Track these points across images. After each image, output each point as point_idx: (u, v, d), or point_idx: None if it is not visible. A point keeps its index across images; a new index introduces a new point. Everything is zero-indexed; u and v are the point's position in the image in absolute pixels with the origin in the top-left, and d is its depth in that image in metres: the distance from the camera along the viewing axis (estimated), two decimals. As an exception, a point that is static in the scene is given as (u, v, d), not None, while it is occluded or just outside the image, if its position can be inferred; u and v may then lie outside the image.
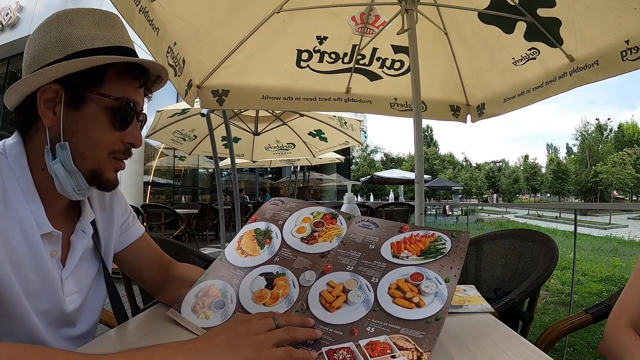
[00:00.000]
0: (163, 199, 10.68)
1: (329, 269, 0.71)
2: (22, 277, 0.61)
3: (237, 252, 0.81)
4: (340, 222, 0.81)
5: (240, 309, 0.69)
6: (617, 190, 40.23)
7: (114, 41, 0.67)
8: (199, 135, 4.85)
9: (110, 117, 0.65)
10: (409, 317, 0.59)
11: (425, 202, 2.41)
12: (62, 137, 0.63)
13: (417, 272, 0.65)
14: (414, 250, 0.70)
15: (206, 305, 0.71)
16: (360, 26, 2.35)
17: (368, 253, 0.72)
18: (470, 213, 11.44)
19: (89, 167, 0.65)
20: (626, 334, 0.75)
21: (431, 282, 0.63)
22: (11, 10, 8.49)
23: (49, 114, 0.63)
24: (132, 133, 0.69)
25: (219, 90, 2.47)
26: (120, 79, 0.66)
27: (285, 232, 0.82)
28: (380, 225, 0.78)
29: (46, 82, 0.62)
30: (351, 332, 0.59)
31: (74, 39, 0.64)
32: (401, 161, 57.16)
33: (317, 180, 18.62)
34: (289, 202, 0.91)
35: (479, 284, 1.49)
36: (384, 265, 0.69)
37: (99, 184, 0.68)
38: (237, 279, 0.74)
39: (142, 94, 0.71)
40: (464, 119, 2.89)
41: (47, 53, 0.63)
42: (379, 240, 0.74)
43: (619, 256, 6.36)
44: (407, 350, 0.53)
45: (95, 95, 0.64)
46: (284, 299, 0.68)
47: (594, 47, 1.91)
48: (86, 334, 0.75)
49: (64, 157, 0.63)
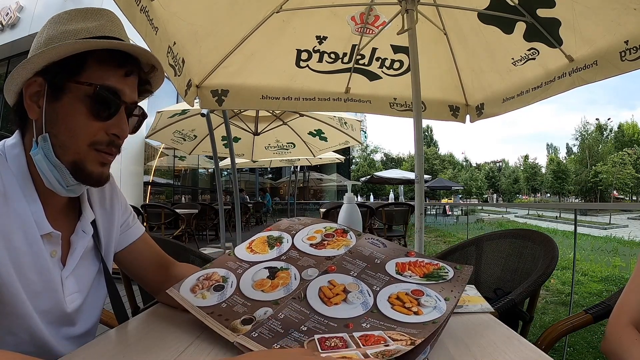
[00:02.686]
0: (163, 199, 10.68)
1: (332, 269, 0.73)
2: (23, 277, 0.62)
3: (246, 250, 0.83)
4: (350, 237, 0.84)
5: (238, 293, 0.70)
6: (617, 190, 40.24)
7: (97, 32, 0.66)
8: (199, 135, 4.85)
9: (89, 106, 0.64)
10: (405, 320, 0.60)
11: (425, 202, 2.41)
12: (44, 129, 0.63)
13: (418, 289, 0.67)
14: (418, 272, 0.72)
15: (205, 287, 0.73)
16: (359, 26, 2.35)
17: (373, 265, 0.74)
18: (470, 213, 11.43)
19: (70, 158, 0.64)
20: (627, 334, 0.75)
21: (431, 298, 0.64)
22: (11, 10, 8.48)
23: (33, 107, 0.64)
24: (117, 124, 0.66)
25: (218, 90, 2.47)
26: (101, 67, 0.64)
27: (296, 239, 0.85)
28: (388, 246, 0.81)
29: (29, 76, 0.63)
30: (346, 325, 0.59)
31: (59, 34, 0.65)
32: (401, 161, 57.11)
33: (317, 180, 18.63)
34: (305, 219, 0.94)
35: (479, 284, 1.49)
36: (387, 279, 0.70)
37: (83, 177, 0.66)
38: (241, 270, 0.76)
39: (130, 84, 0.69)
40: (463, 119, 2.89)
41: (35, 51, 0.64)
42: (385, 257, 0.77)
43: (619, 256, 6.35)
44: (401, 341, 0.53)
45: (72, 84, 0.63)
46: (282, 288, 0.70)
47: (593, 47, 1.91)
48: (86, 334, 0.75)
49: (46, 149, 0.63)
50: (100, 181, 0.68)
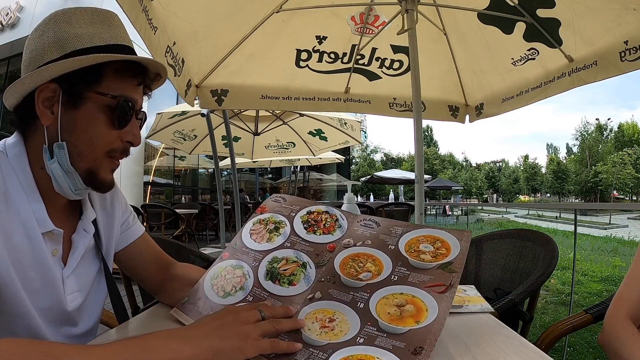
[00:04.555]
0: (163, 199, 10.68)
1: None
2: (24, 276, 0.61)
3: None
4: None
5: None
6: (617, 190, 40.26)
7: (111, 39, 0.67)
8: (199, 135, 4.85)
9: (108, 115, 0.65)
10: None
11: (425, 202, 2.41)
12: (60, 137, 0.63)
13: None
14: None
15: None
16: (359, 26, 2.35)
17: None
18: (470, 213, 11.45)
19: (86, 166, 0.65)
20: (625, 328, 0.75)
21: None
22: (11, 10, 8.48)
23: (47, 113, 0.63)
24: (130, 132, 0.68)
25: (218, 90, 2.47)
26: (118, 77, 0.65)
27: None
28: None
29: (43, 82, 0.62)
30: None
31: (71, 38, 0.64)
32: (401, 161, 57.12)
33: (317, 180, 18.62)
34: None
35: (479, 284, 1.49)
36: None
37: (94, 184, 0.67)
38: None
39: (141, 92, 0.71)
40: (463, 119, 2.89)
41: (45, 53, 0.63)
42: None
43: (619, 256, 6.36)
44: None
45: (93, 93, 0.64)
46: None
47: (593, 47, 1.91)
48: (87, 333, 0.75)
49: (62, 156, 0.63)
50: (110, 187, 0.70)
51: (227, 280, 0.73)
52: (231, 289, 0.71)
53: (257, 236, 0.80)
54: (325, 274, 0.68)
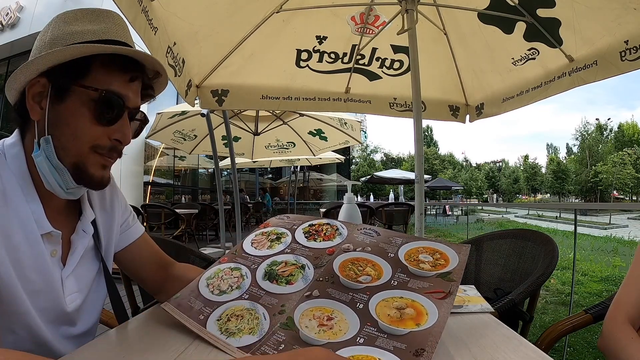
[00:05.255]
0: (163, 199, 10.68)
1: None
2: (23, 276, 0.61)
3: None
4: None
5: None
6: (617, 190, 40.24)
7: (104, 35, 0.66)
8: (199, 135, 4.85)
9: (93, 110, 0.63)
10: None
11: (425, 202, 2.41)
12: (47, 131, 0.63)
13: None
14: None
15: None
16: (359, 26, 2.35)
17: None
18: (470, 213, 11.45)
19: (72, 160, 0.64)
20: (624, 332, 0.75)
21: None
22: (11, 10, 8.47)
23: (36, 108, 0.63)
24: (119, 129, 0.66)
25: (218, 90, 2.47)
26: (106, 71, 0.64)
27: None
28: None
29: (33, 76, 0.62)
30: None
31: (65, 35, 0.64)
32: (401, 161, 57.07)
33: (317, 180, 18.63)
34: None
35: (479, 284, 1.49)
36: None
37: (84, 180, 0.65)
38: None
39: (135, 90, 0.69)
40: (463, 119, 2.89)
41: (41, 51, 0.64)
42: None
43: (619, 256, 6.36)
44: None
45: (77, 87, 0.63)
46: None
47: (593, 47, 1.91)
48: (86, 333, 0.75)
49: (49, 151, 0.63)
50: (102, 184, 0.68)
51: (223, 280, 0.73)
52: (227, 287, 0.71)
53: (258, 245, 0.82)
54: (323, 274, 0.68)
